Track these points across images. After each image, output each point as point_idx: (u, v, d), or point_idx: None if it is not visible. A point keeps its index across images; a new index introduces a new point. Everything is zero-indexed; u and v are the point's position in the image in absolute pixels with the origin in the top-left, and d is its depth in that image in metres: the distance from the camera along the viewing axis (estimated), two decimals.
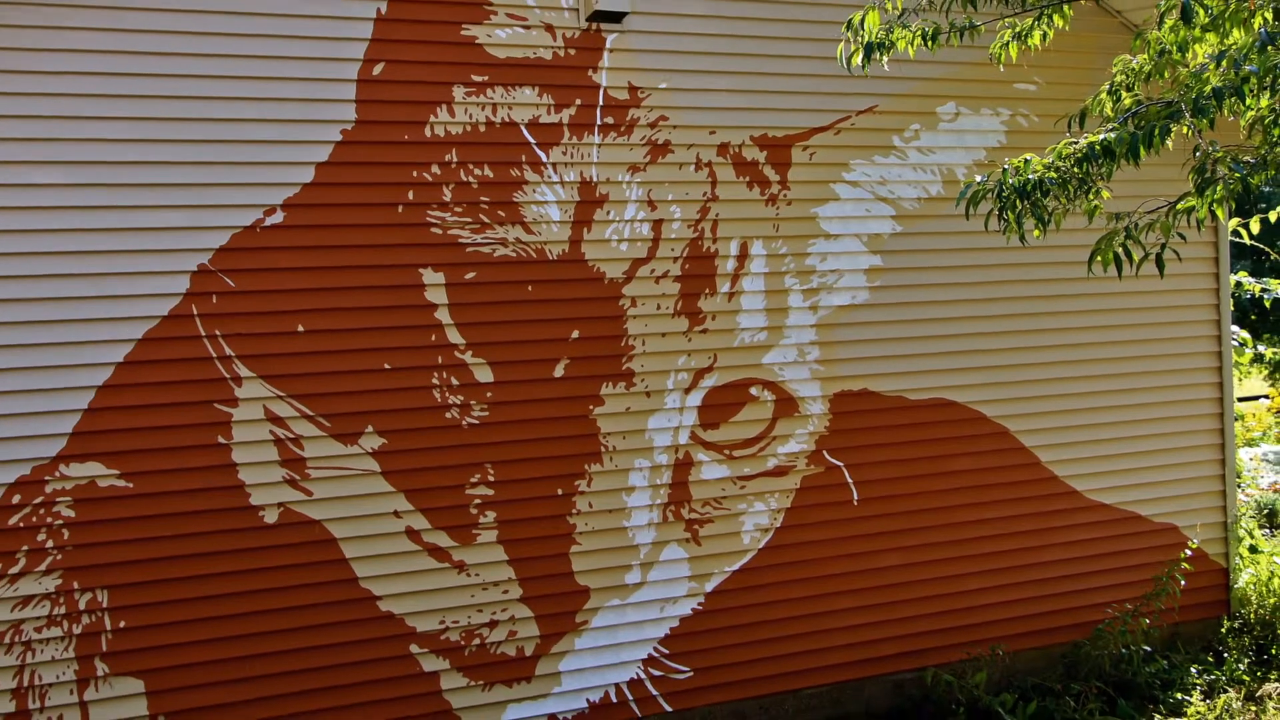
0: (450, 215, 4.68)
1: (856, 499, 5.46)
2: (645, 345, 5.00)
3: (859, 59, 4.38)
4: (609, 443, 4.94)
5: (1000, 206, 4.07)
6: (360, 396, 4.55)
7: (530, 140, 4.80)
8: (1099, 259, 3.94)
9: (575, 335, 4.88)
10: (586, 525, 4.91)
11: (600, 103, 4.92)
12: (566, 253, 4.86)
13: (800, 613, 5.33)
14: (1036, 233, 4.14)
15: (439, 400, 4.67)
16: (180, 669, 4.32)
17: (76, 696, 4.18)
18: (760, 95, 5.22)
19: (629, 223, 4.96)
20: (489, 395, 4.74)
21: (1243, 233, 4.15)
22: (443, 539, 4.68)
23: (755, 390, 5.24)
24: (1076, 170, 3.87)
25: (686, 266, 5.08)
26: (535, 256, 4.80)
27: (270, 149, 4.42)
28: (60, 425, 4.16)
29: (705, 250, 5.11)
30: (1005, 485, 5.79)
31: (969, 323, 5.70)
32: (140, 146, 4.25)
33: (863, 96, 5.43)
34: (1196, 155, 3.70)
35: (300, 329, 4.47)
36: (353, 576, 4.55)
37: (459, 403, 4.70)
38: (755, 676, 5.25)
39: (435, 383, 4.66)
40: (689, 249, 5.08)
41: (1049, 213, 4.05)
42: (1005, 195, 4.03)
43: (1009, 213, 4.05)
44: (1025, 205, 4.00)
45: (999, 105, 5.75)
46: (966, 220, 4.67)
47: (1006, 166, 4.08)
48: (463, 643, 4.72)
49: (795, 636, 5.32)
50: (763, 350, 5.24)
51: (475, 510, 4.73)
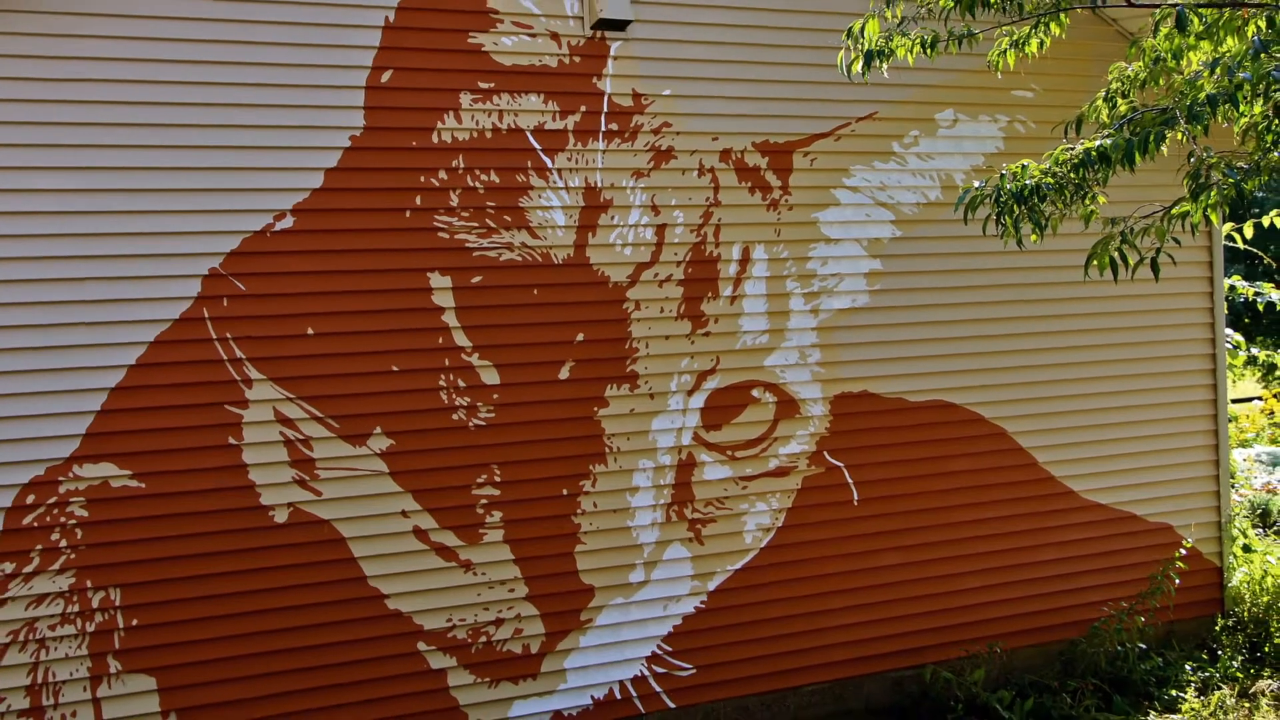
0: (457, 220, 4.74)
1: (857, 499, 5.52)
2: (649, 348, 5.07)
3: (859, 66, 4.41)
4: (613, 444, 5.00)
5: (998, 211, 4.11)
6: (369, 398, 4.60)
7: (536, 146, 4.86)
8: (1095, 263, 4.00)
9: (580, 338, 4.95)
10: (591, 525, 4.97)
11: (605, 109, 4.98)
12: (571, 257, 4.92)
13: (801, 611, 5.38)
14: (1034, 237, 4.19)
15: (446, 402, 4.73)
16: (191, 666, 4.37)
17: (89, 693, 4.24)
18: (762, 102, 5.28)
19: (633, 227, 5.02)
20: (495, 397, 4.80)
21: (1236, 237, 4.20)
22: (450, 538, 4.74)
23: (757, 392, 5.30)
24: (1073, 176, 3.92)
25: (689, 270, 5.14)
26: (541, 260, 4.87)
27: (280, 155, 4.48)
28: (74, 426, 4.21)
29: (708, 254, 5.18)
30: (1003, 486, 5.84)
31: (967, 325, 5.75)
32: (153, 153, 4.30)
33: (863, 103, 5.49)
34: (1191, 161, 3.76)
35: (310, 331, 4.53)
36: (361, 575, 4.61)
37: (466, 404, 4.76)
38: (757, 674, 5.31)
39: (442, 384, 4.72)
40: (692, 253, 5.14)
41: (1046, 217, 4.09)
42: (1003, 200, 4.08)
43: (1006, 217, 4.09)
44: (1022, 210, 4.05)
45: (997, 112, 5.80)
46: (965, 225, 4.74)
47: (1004, 172, 4.12)
48: (469, 640, 4.78)
49: (796, 634, 5.38)
50: (764, 353, 5.30)
51: (482, 510, 4.79)
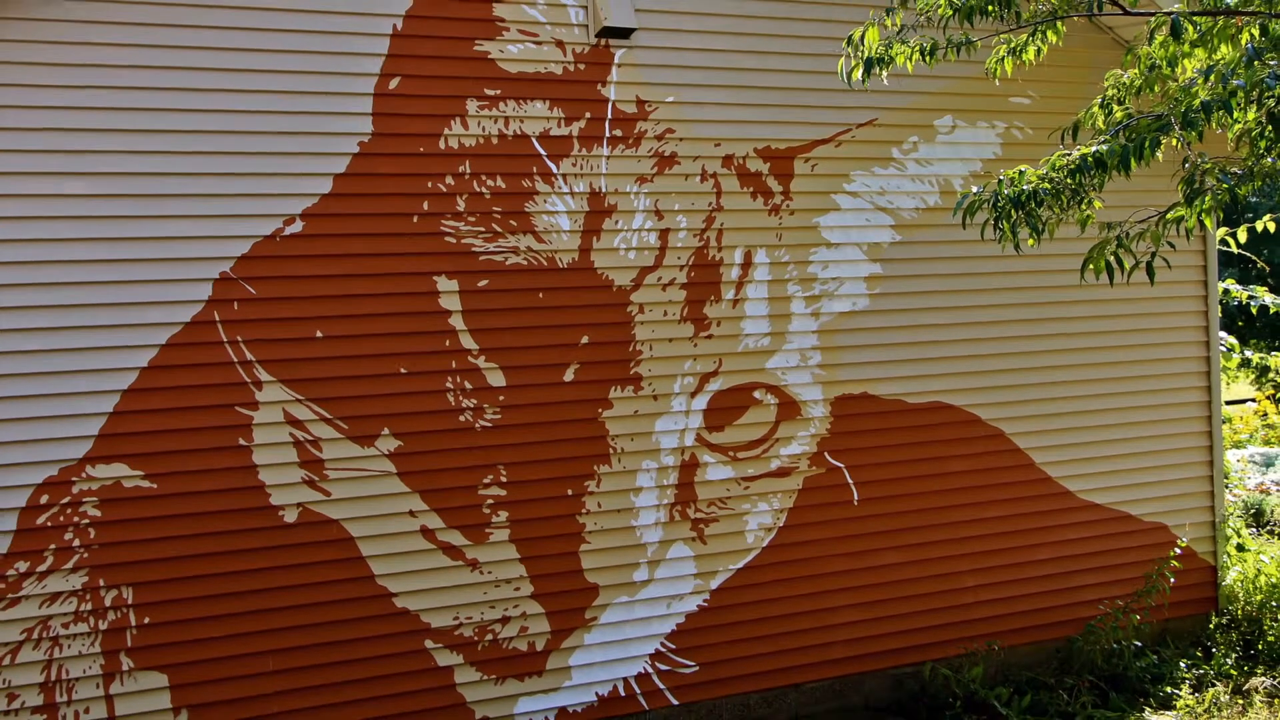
0: (464, 225, 4.80)
1: (857, 499, 5.58)
2: (652, 350, 5.13)
3: (859, 74, 4.48)
4: (617, 444, 5.06)
5: (996, 216, 4.16)
6: (377, 400, 4.66)
7: (541, 152, 4.92)
8: (1091, 267, 4.06)
9: (585, 340, 5.01)
10: (595, 525, 5.03)
11: (609, 116, 5.04)
12: (576, 261, 4.99)
13: (802, 609, 5.44)
14: (1031, 241, 4.26)
15: (453, 403, 4.79)
16: (202, 664, 4.42)
17: (102, 690, 4.29)
18: (764, 109, 5.35)
19: (637, 232, 5.09)
20: (501, 398, 4.87)
21: (1230, 241, 4.28)
22: (456, 538, 4.80)
23: (759, 394, 5.36)
24: (1069, 181, 3.97)
25: (692, 274, 5.21)
26: (546, 265, 4.93)
27: (289, 160, 4.53)
28: (87, 428, 4.26)
29: (710, 258, 5.24)
30: (1001, 486, 5.91)
31: (966, 328, 5.82)
32: (164, 159, 4.35)
33: (863, 110, 5.55)
34: (1186, 167, 3.83)
35: (319, 334, 4.59)
36: (369, 574, 4.66)
37: (472, 406, 4.82)
38: (759, 671, 5.37)
39: (449, 386, 4.78)
40: (695, 257, 5.21)
41: (1043, 222, 4.15)
42: (1000, 205, 4.13)
43: (1004, 222, 4.14)
44: (1020, 215, 4.10)
45: (994, 118, 5.87)
46: (963, 229, 4.77)
47: (1002, 177, 4.17)
48: (476, 638, 4.84)
49: (797, 632, 5.44)
50: (766, 355, 5.37)
51: (488, 510, 4.85)
